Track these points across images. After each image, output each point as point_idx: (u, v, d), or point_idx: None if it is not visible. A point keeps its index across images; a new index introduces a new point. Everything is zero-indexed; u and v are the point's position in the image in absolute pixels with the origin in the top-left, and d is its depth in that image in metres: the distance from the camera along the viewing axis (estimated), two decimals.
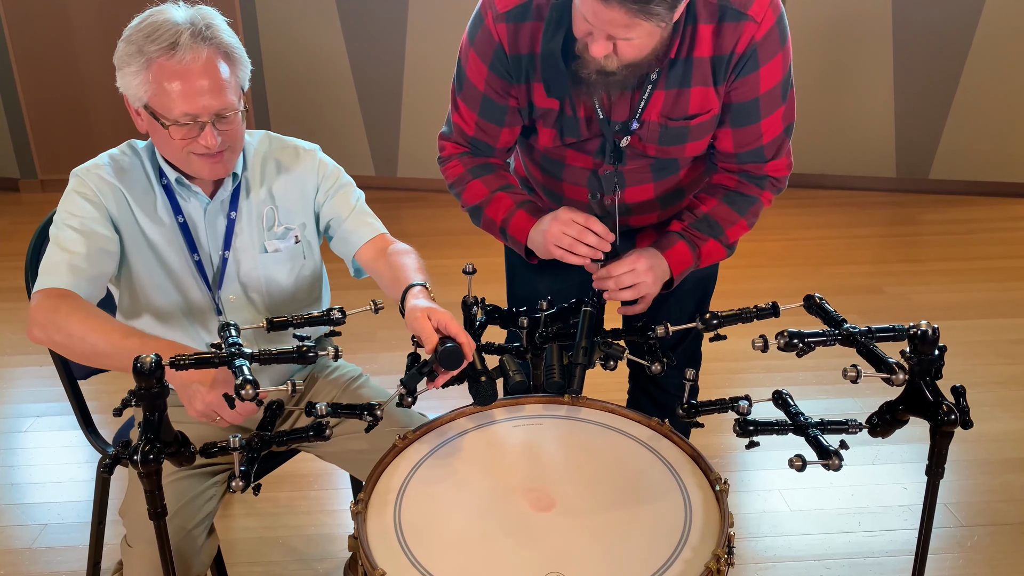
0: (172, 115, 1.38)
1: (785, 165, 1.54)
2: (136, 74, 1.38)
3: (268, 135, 1.64)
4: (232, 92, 1.42)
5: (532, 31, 1.42)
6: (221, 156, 1.45)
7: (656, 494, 1.21)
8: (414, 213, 4.53)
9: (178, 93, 1.37)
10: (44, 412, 2.76)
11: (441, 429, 1.38)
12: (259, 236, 1.58)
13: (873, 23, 4.38)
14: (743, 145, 1.50)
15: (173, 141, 1.42)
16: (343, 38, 4.59)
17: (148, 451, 1.07)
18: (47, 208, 1.74)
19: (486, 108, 1.53)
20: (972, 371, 2.91)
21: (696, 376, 1.40)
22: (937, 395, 1.12)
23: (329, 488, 2.39)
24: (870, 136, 4.63)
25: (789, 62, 1.43)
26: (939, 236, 4.17)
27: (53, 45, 4.57)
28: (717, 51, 1.39)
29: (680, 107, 1.44)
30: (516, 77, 1.47)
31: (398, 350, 2.99)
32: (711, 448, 2.50)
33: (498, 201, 1.57)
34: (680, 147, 1.50)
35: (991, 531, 2.16)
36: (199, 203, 1.54)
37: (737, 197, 1.55)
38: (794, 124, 1.52)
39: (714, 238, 1.55)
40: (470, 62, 1.50)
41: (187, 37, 1.37)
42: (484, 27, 1.46)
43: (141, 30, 1.39)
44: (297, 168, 1.62)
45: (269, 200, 1.59)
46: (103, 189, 1.48)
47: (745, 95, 1.44)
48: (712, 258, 1.57)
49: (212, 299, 1.57)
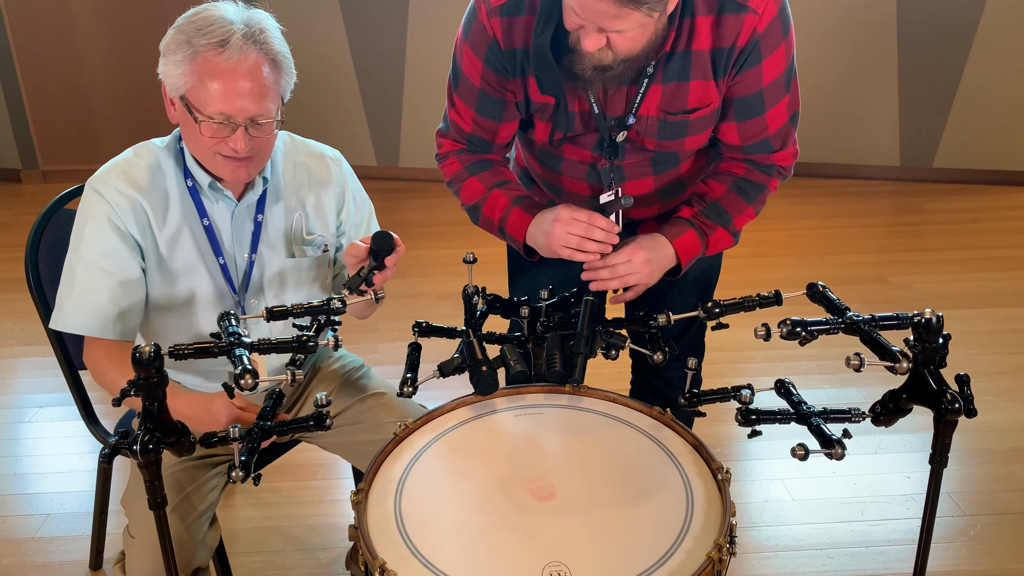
0: (207, 111, 1.36)
1: (792, 154, 1.53)
2: (180, 64, 1.36)
3: (290, 136, 1.62)
4: (271, 100, 1.40)
5: (526, 25, 1.40)
6: (247, 162, 1.43)
7: (658, 483, 1.21)
8: (416, 203, 4.51)
9: (218, 91, 1.35)
10: (46, 403, 2.77)
11: (442, 419, 1.37)
12: (287, 242, 1.57)
13: (877, 12, 4.36)
14: (749, 138, 1.48)
15: (203, 138, 1.39)
16: (345, 29, 4.58)
17: (147, 441, 1.06)
18: (48, 199, 1.74)
19: (483, 104, 1.51)
20: (976, 360, 2.90)
21: (699, 366, 1.39)
22: (941, 384, 1.12)
23: (331, 478, 2.39)
24: (874, 125, 4.61)
25: (792, 51, 1.41)
26: (943, 225, 4.16)
27: (54, 36, 4.56)
28: (717, 44, 1.36)
29: (679, 101, 1.42)
30: (511, 71, 1.46)
31: (399, 340, 2.99)
32: (714, 438, 2.49)
33: (494, 199, 1.55)
34: (680, 141, 1.48)
35: (994, 520, 2.16)
36: (227, 206, 1.51)
37: (746, 185, 1.53)
38: (799, 112, 1.50)
39: (722, 226, 1.53)
40: (465, 58, 1.48)
41: (239, 38, 1.35)
42: (478, 22, 1.44)
43: (194, 22, 1.37)
44: (328, 180, 1.61)
45: (299, 207, 1.58)
46: (122, 206, 1.44)
47: (748, 88, 1.41)
48: (718, 246, 1.56)
49: (237, 302, 1.55)
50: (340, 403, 1.63)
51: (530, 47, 1.40)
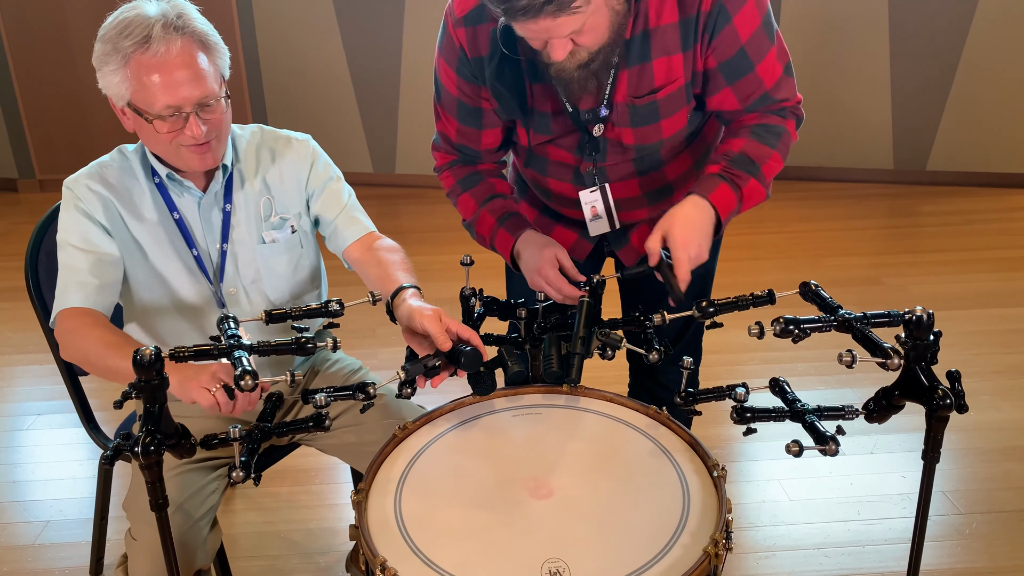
0: (155, 109, 1.39)
1: (797, 100, 1.50)
2: (115, 72, 1.38)
3: (261, 128, 1.65)
4: (212, 80, 1.42)
5: (488, 33, 1.43)
6: (208, 146, 1.46)
7: (654, 481, 1.22)
8: (412, 209, 4.53)
9: (158, 86, 1.37)
10: (45, 410, 2.77)
11: (441, 419, 1.38)
12: (256, 227, 1.59)
13: (869, 14, 4.39)
14: (747, 97, 1.46)
15: (160, 135, 1.42)
16: (340, 36, 4.59)
17: (149, 443, 1.08)
18: (45, 207, 1.75)
19: (462, 113, 1.54)
20: (971, 361, 2.92)
21: (696, 366, 1.39)
22: (932, 380, 1.13)
23: (330, 482, 2.39)
24: (867, 128, 4.64)
25: (765, 4, 1.40)
26: (937, 227, 4.18)
27: (50, 45, 4.57)
28: (683, 14, 1.37)
29: (645, 82, 1.42)
30: (480, 79, 1.48)
31: (397, 346, 2.98)
32: (711, 439, 2.50)
33: (482, 220, 1.61)
34: (655, 127, 1.47)
35: (990, 519, 2.17)
36: (192, 198, 1.54)
37: (763, 131, 1.47)
38: (791, 61, 1.47)
39: (753, 176, 1.46)
40: (441, 70, 1.52)
41: (159, 29, 1.36)
42: (447, 33, 1.47)
43: (114, 27, 1.39)
44: (290, 156, 1.63)
45: (265, 191, 1.60)
46: (90, 199, 1.49)
47: (728, 50, 1.40)
48: (753, 199, 1.48)
49: (214, 293, 1.57)
50: (339, 405, 1.64)
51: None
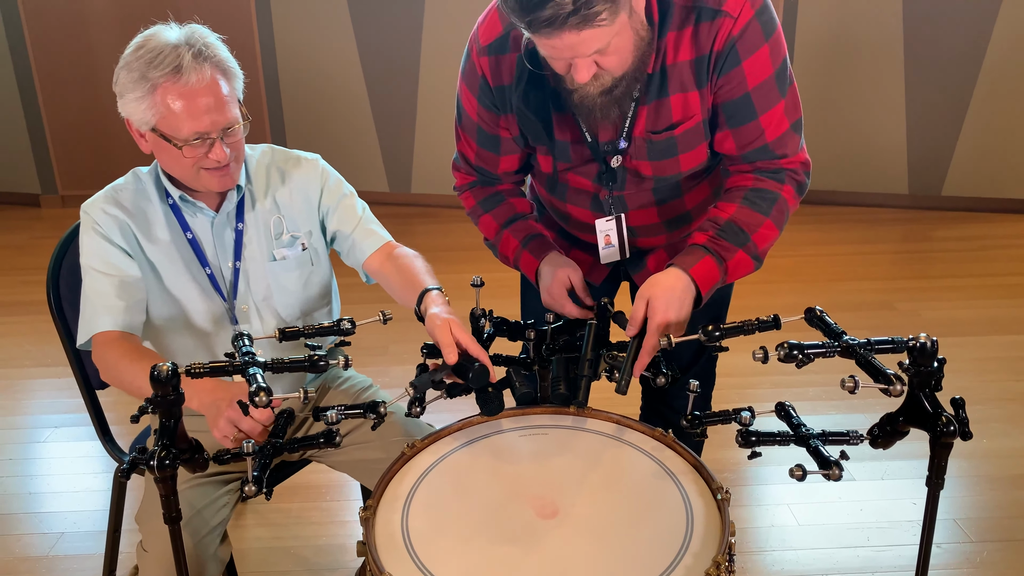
0: (182, 135, 1.43)
1: (800, 161, 1.47)
2: (141, 100, 1.42)
3: (271, 148, 1.69)
4: (234, 106, 1.47)
5: (512, 62, 1.45)
6: (228, 168, 1.50)
7: (658, 502, 1.23)
8: (427, 229, 4.57)
9: (186, 115, 1.41)
10: (62, 423, 2.81)
11: (449, 438, 1.40)
12: (267, 245, 1.62)
13: (884, 39, 4.40)
14: (746, 145, 1.45)
15: (184, 160, 1.46)
16: (359, 57, 4.65)
17: (164, 456, 1.10)
18: (67, 223, 1.79)
19: (482, 138, 1.58)
20: (983, 387, 2.90)
21: (709, 390, 1.38)
22: (936, 407, 1.14)
23: (340, 499, 2.41)
24: (882, 153, 4.64)
25: (781, 56, 1.39)
26: (951, 252, 4.17)
27: (74, 64, 4.66)
28: (698, 52, 1.38)
29: (662, 118, 1.44)
30: (502, 108, 1.51)
31: (409, 363, 3.00)
32: (720, 462, 2.51)
33: (506, 241, 1.64)
34: (673, 161, 1.48)
35: (1001, 547, 2.16)
36: (206, 218, 1.58)
37: (756, 196, 1.45)
38: (802, 120, 1.45)
39: (741, 248, 1.44)
40: (463, 95, 1.55)
41: (189, 59, 1.40)
42: (470, 61, 1.50)
43: (140, 57, 1.42)
44: (300, 175, 1.66)
45: (275, 209, 1.63)
46: (107, 223, 1.53)
47: (733, 92, 1.40)
48: (740, 271, 1.48)
49: (228, 310, 1.61)
50: (349, 422, 1.66)
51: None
